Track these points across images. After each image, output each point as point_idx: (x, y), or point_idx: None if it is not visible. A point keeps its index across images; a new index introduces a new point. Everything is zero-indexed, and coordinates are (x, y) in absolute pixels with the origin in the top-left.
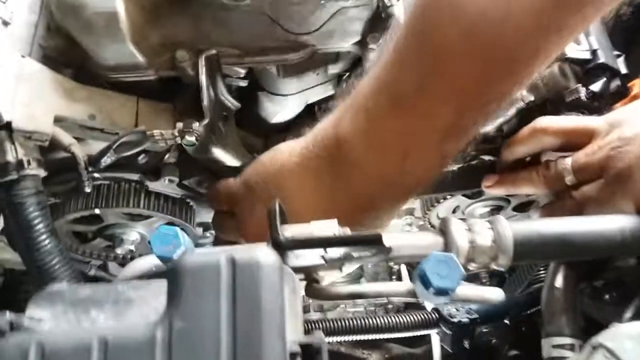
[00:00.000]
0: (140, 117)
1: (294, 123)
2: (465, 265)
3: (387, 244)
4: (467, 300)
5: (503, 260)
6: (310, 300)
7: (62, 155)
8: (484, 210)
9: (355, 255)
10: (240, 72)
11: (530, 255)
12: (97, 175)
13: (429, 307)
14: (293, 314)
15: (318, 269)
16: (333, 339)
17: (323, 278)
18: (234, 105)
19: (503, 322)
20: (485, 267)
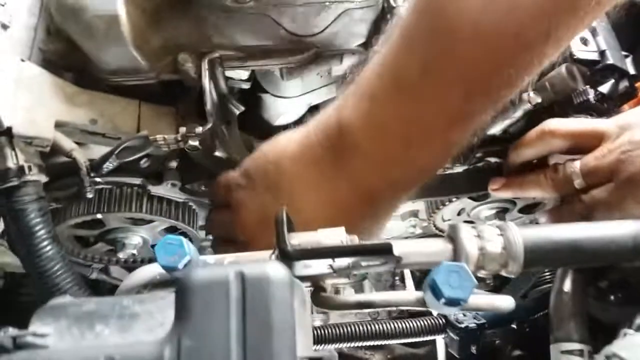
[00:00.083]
0: (142, 121)
1: (298, 125)
2: (475, 273)
3: (397, 254)
4: (477, 309)
5: (513, 268)
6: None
7: (63, 160)
8: (490, 213)
9: (364, 264)
10: (243, 74)
11: (541, 262)
12: (98, 180)
13: (435, 312)
14: (303, 328)
15: (325, 278)
16: (339, 346)
17: (329, 285)
18: (237, 109)
19: (510, 326)
20: (495, 274)
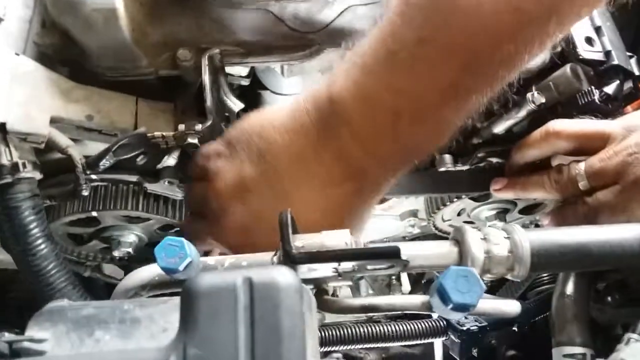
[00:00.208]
0: (140, 117)
1: None
2: (481, 276)
3: (404, 257)
4: (484, 314)
5: (519, 271)
6: None
7: (58, 157)
8: (490, 213)
9: (370, 268)
10: (243, 71)
11: (548, 266)
12: (94, 177)
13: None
14: (311, 335)
15: (329, 281)
16: (339, 348)
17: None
18: (237, 106)
19: (511, 329)
20: (501, 277)
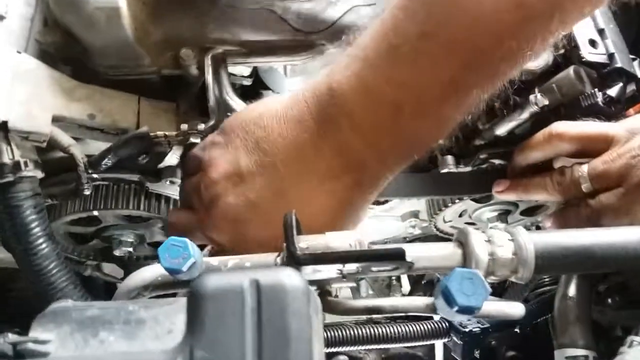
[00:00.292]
0: (142, 116)
1: None
2: (485, 278)
3: (409, 259)
4: (488, 317)
5: (523, 274)
6: None
7: (59, 155)
8: (492, 215)
9: (374, 269)
10: (245, 71)
11: (552, 269)
12: (95, 176)
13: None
14: (317, 337)
15: (332, 282)
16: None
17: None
18: (239, 105)
19: (513, 330)
20: (505, 279)
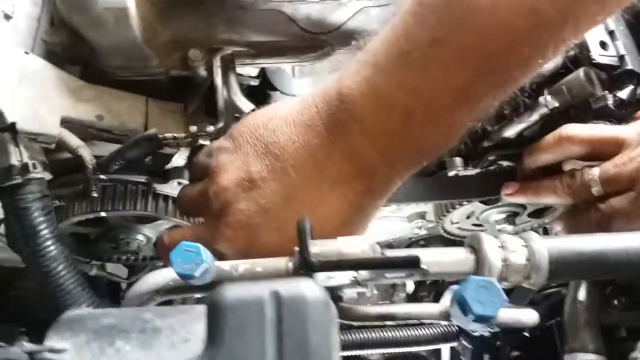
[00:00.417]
0: (150, 117)
1: None
2: None
3: (424, 267)
4: (503, 325)
5: (537, 280)
6: None
7: (66, 156)
8: (500, 216)
9: (389, 276)
10: (252, 71)
11: (565, 274)
12: (102, 177)
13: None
14: (335, 348)
15: (345, 287)
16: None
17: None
18: (247, 106)
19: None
20: (517, 285)
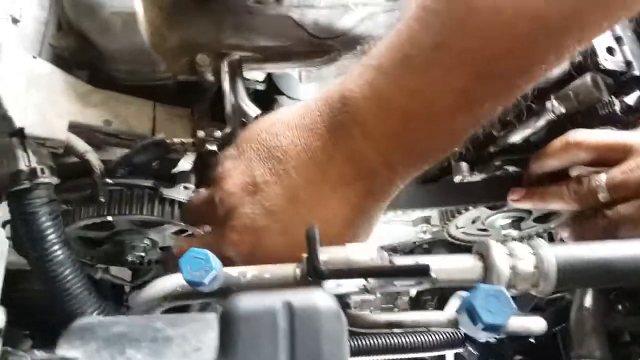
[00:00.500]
0: (157, 122)
1: None
2: None
3: (433, 275)
4: (512, 333)
5: (545, 287)
6: None
7: (73, 160)
8: (505, 221)
9: (398, 284)
10: (259, 76)
11: (573, 282)
12: (109, 181)
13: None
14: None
15: (353, 294)
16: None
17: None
18: (254, 111)
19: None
20: (525, 293)
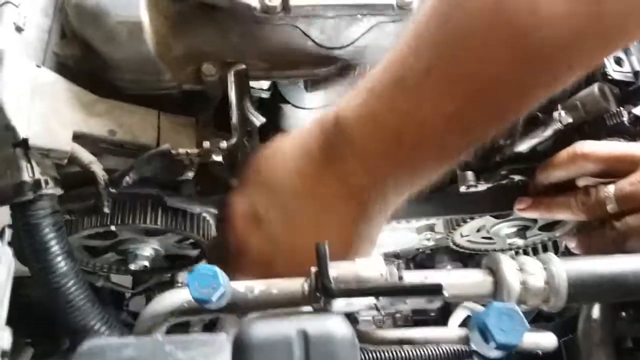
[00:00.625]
0: (162, 132)
1: None
2: None
3: (446, 294)
4: (523, 350)
5: (555, 303)
6: None
7: (77, 169)
8: (510, 230)
9: (409, 302)
10: (264, 84)
11: (585, 298)
12: (114, 192)
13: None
14: None
15: (361, 310)
16: None
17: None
18: (259, 120)
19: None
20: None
